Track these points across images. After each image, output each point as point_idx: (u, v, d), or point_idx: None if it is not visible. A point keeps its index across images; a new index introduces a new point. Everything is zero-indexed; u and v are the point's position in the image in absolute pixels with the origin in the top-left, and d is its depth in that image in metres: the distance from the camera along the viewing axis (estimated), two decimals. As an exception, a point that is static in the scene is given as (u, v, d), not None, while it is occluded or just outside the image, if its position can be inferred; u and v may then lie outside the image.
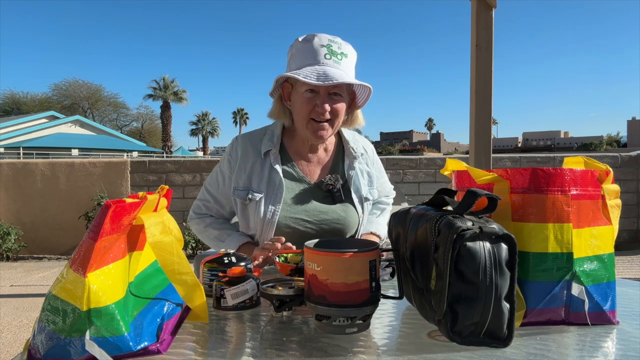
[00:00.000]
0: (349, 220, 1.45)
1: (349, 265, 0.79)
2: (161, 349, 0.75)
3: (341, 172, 1.50)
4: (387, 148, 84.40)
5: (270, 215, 1.39)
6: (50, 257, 5.96)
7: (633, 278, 1.81)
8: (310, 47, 1.33)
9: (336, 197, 1.44)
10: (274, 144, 1.46)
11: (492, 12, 3.46)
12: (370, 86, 1.38)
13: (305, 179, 1.47)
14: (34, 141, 23.91)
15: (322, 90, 1.33)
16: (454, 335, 0.75)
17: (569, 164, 0.95)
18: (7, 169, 6.00)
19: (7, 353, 2.87)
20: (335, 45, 1.34)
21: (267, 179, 1.42)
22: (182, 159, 6.43)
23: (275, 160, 1.43)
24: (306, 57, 1.33)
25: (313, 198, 1.44)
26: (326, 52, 1.32)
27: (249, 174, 1.44)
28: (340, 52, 1.34)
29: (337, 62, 1.32)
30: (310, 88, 1.33)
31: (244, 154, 1.46)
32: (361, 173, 1.53)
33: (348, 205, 1.46)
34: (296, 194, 1.44)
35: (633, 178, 5.94)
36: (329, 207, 1.43)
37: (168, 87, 40.86)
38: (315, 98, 1.34)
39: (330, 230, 1.42)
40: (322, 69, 1.29)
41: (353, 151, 1.52)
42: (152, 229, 0.81)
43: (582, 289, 0.84)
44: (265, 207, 1.39)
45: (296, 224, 1.40)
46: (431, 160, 6.08)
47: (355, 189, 1.48)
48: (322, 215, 1.42)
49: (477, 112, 3.51)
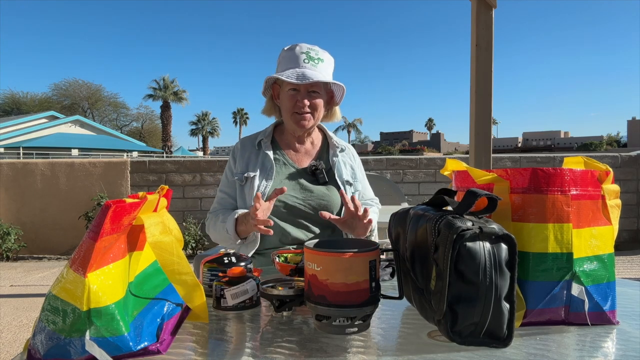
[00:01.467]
0: (332, 198, 1.63)
1: (349, 265, 0.79)
2: (161, 349, 0.75)
3: (325, 160, 1.71)
4: (387, 148, 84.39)
5: (264, 188, 1.59)
6: (50, 257, 5.96)
7: (633, 278, 1.81)
8: (292, 54, 1.59)
9: (319, 178, 1.64)
10: (266, 136, 1.72)
11: (492, 12, 3.46)
12: (343, 85, 1.64)
13: (294, 164, 1.68)
14: (34, 141, 23.90)
15: (302, 89, 1.58)
16: (454, 335, 0.75)
17: (569, 164, 0.95)
18: (7, 169, 6.00)
19: (7, 353, 2.87)
20: (313, 52, 1.60)
21: (260, 163, 1.66)
22: (182, 159, 6.43)
23: (266, 147, 1.68)
24: (289, 62, 1.58)
25: (301, 179, 1.65)
26: (305, 58, 1.57)
27: (246, 162, 1.68)
28: (317, 57, 1.59)
29: (314, 65, 1.57)
30: (293, 87, 1.57)
31: (243, 148, 1.71)
32: (344, 164, 1.73)
33: (331, 186, 1.66)
34: (286, 175, 1.65)
35: (633, 178, 5.94)
36: (314, 187, 1.64)
37: (168, 87, 40.84)
38: (297, 95, 1.59)
39: (317, 206, 1.59)
40: (301, 71, 1.54)
41: (336, 144, 1.75)
42: (152, 229, 0.81)
43: (582, 289, 0.84)
44: (259, 182, 1.61)
45: (285, 198, 1.58)
46: (431, 160, 6.08)
47: (339, 174, 1.68)
48: (308, 193, 1.62)
49: (477, 112, 3.51)
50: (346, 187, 1.66)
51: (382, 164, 6.04)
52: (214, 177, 5.95)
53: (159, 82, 41.00)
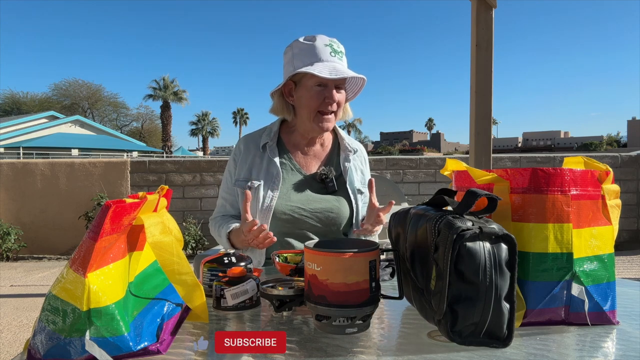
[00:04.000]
0: (342, 210, 1.52)
1: (349, 265, 0.79)
2: (161, 349, 0.75)
3: (336, 165, 1.59)
4: (387, 148, 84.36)
5: (269, 201, 1.47)
6: (50, 257, 5.96)
7: (633, 278, 1.81)
8: (314, 47, 1.45)
9: (329, 186, 1.52)
10: (271, 137, 1.57)
11: (492, 12, 3.46)
12: (365, 78, 1.51)
13: (301, 170, 1.56)
14: (34, 141, 23.89)
15: (330, 84, 1.45)
16: (454, 335, 0.75)
17: (569, 164, 0.95)
18: (7, 169, 6.00)
19: (7, 353, 2.87)
20: (335, 44, 1.48)
21: (265, 169, 1.52)
22: (182, 159, 6.44)
23: (272, 151, 1.54)
24: (312, 55, 1.44)
25: (308, 188, 1.53)
26: (330, 51, 1.45)
27: (250, 166, 1.55)
28: (340, 50, 1.48)
29: (340, 59, 1.47)
30: (320, 82, 1.44)
31: (246, 149, 1.58)
32: (355, 169, 1.62)
33: (341, 196, 1.54)
34: (292, 183, 1.52)
35: (633, 178, 5.94)
36: (322, 197, 1.52)
37: (168, 87, 40.81)
38: (324, 91, 1.45)
39: (324, 218, 1.49)
40: (331, 65, 1.42)
41: (348, 146, 1.63)
42: (152, 229, 0.81)
43: (582, 289, 0.84)
44: (264, 193, 1.48)
45: (292, 211, 1.48)
46: (431, 160, 6.08)
47: (350, 181, 1.56)
48: (316, 204, 1.50)
49: (477, 112, 3.51)
50: (357, 196, 1.55)
51: (382, 164, 6.04)
52: (214, 177, 5.95)
53: (159, 82, 40.98)
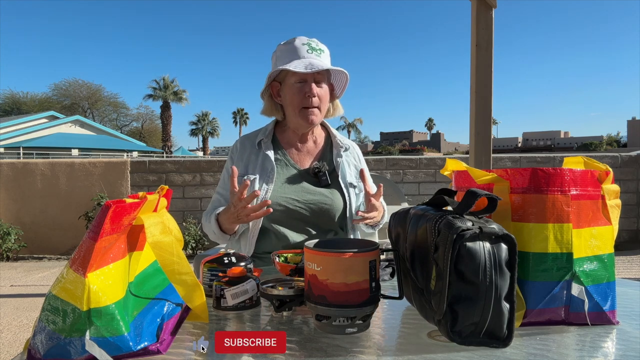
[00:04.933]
0: (335, 202, 1.57)
1: (349, 265, 0.79)
2: (161, 349, 0.75)
3: (329, 161, 1.66)
4: (387, 148, 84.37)
5: (264, 193, 1.53)
6: (50, 257, 5.96)
7: (633, 278, 1.81)
8: (292, 47, 1.54)
9: (322, 180, 1.58)
10: (266, 135, 1.66)
11: (492, 12, 3.46)
12: (346, 72, 1.57)
13: (295, 165, 1.63)
14: (34, 141, 23.89)
15: (309, 79, 1.52)
16: (454, 335, 0.75)
17: (569, 164, 0.95)
18: (7, 169, 6.00)
19: (7, 353, 2.87)
20: (314, 43, 1.56)
21: (260, 165, 1.60)
22: (182, 159, 6.44)
23: (267, 147, 1.62)
24: (291, 54, 1.53)
25: (302, 182, 1.59)
26: (307, 48, 1.53)
27: (246, 163, 1.62)
28: (319, 48, 1.56)
29: (318, 55, 1.54)
30: (300, 79, 1.51)
31: (242, 147, 1.67)
32: (348, 164, 1.67)
33: (335, 189, 1.60)
34: (287, 177, 1.59)
35: (633, 178, 5.94)
36: (316, 189, 1.58)
37: (168, 87, 40.83)
38: (304, 87, 1.52)
39: (318, 210, 1.54)
40: (307, 60, 1.50)
41: (340, 143, 1.69)
42: (152, 229, 0.81)
43: (582, 289, 0.84)
44: (260, 186, 1.54)
45: (286, 202, 1.53)
46: (431, 160, 6.08)
47: (342, 176, 1.62)
48: (310, 196, 1.55)
49: (477, 112, 3.51)
50: (349, 190, 1.60)
51: (382, 164, 6.04)
52: (214, 177, 5.95)
53: (159, 82, 40.99)
